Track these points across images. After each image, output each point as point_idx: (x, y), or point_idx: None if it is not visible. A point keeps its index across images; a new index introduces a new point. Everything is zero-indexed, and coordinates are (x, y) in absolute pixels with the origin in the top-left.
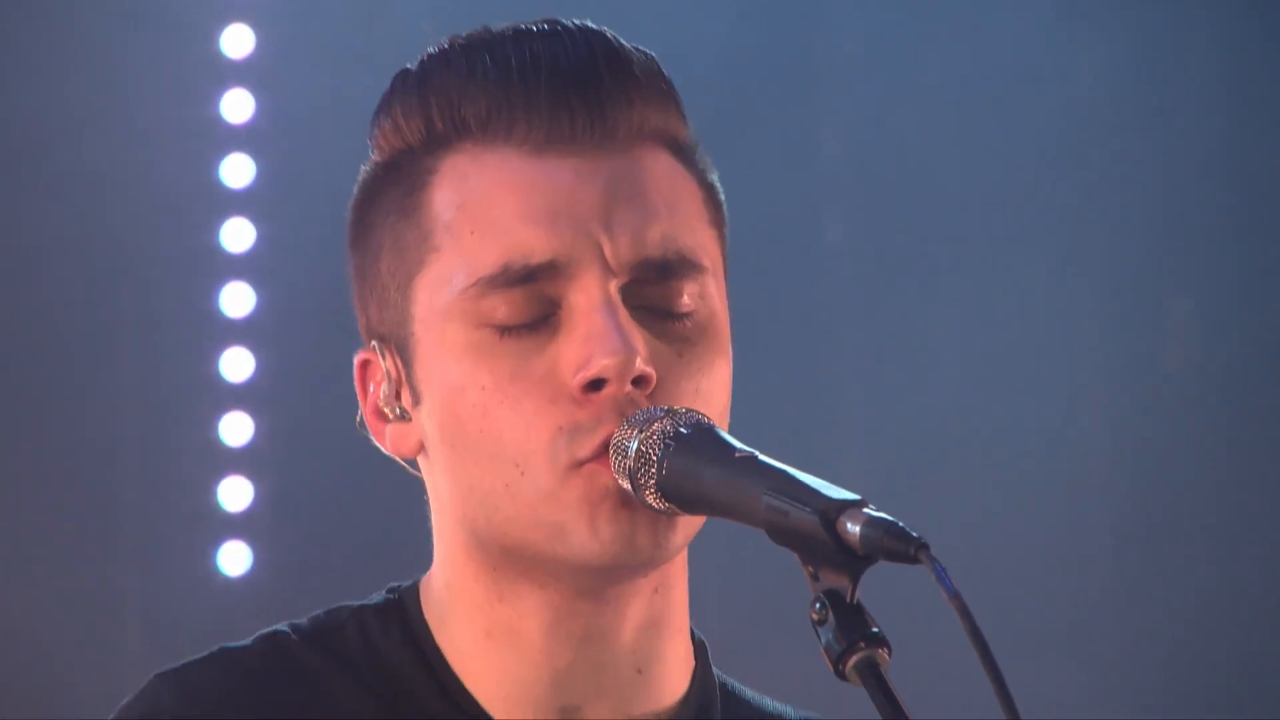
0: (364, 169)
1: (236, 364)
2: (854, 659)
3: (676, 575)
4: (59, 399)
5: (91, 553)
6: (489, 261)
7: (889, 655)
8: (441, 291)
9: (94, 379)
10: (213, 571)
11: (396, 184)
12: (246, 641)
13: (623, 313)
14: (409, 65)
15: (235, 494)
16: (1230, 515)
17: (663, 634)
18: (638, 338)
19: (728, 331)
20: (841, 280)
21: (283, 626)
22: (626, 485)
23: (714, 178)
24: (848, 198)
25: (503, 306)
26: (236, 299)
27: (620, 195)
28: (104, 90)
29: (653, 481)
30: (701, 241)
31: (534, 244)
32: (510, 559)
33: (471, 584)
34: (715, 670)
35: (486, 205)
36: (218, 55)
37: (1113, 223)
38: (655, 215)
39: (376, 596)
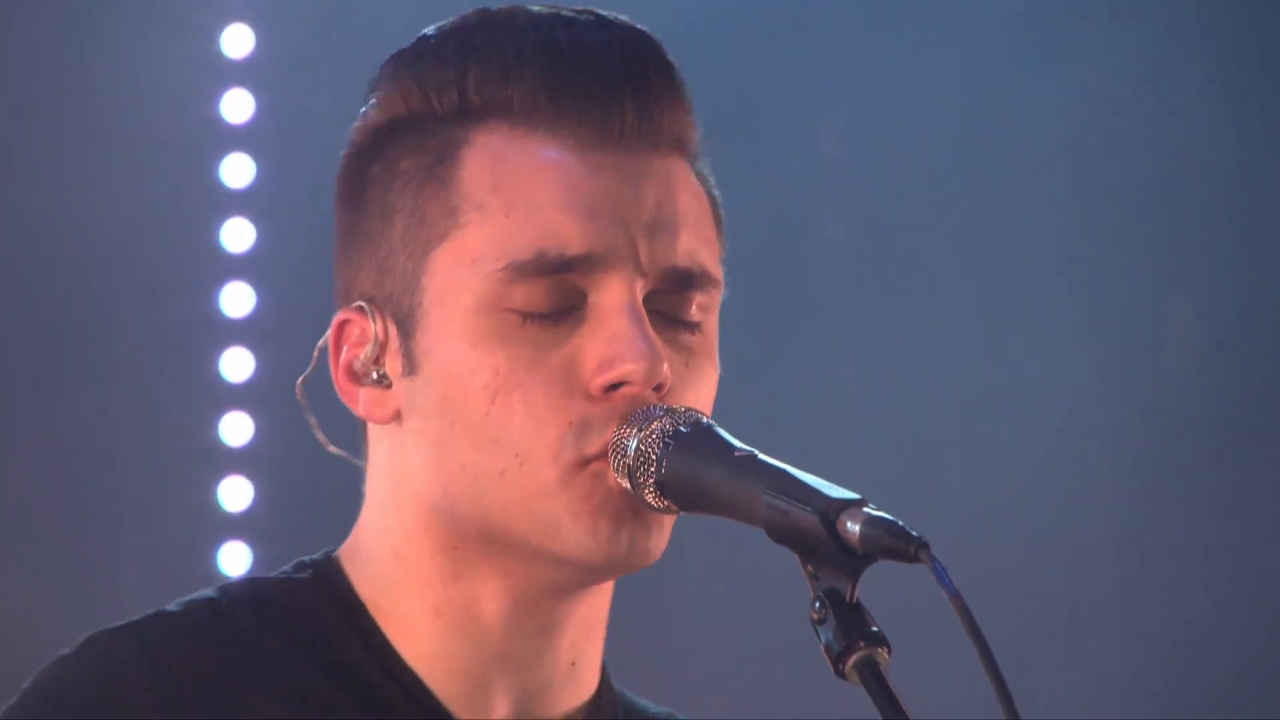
0: (365, 123)
1: (236, 364)
2: (854, 658)
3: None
4: (59, 399)
5: (91, 553)
6: (523, 246)
7: (889, 655)
8: (465, 269)
9: (94, 379)
10: (213, 571)
11: (418, 149)
12: (177, 607)
13: (645, 317)
14: (436, 27)
15: (235, 494)
16: (1230, 515)
17: (593, 633)
18: (660, 345)
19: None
20: (841, 280)
21: (211, 593)
22: (625, 483)
23: (717, 192)
24: (848, 198)
25: (529, 293)
26: (236, 299)
27: (658, 200)
28: (104, 90)
29: (652, 480)
30: (714, 256)
31: (571, 234)
32: (483, 541)
33: (425, 559)
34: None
35: (525, 190)
36: (218, 55)
37: (1113, 223)
38: (686, 225)
39: (288, 569)
